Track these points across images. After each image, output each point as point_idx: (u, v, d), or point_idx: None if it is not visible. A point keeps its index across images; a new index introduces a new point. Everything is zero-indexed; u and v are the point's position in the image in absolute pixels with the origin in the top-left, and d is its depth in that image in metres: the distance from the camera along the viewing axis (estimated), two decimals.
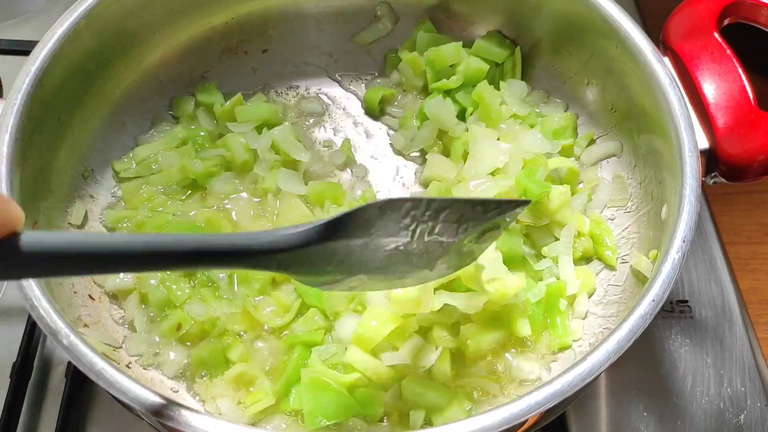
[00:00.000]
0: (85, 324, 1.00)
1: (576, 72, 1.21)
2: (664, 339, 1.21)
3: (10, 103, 0.94)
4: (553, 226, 1.10)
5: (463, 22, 1.30)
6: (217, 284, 1.04)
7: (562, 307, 1.04)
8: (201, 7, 1.22)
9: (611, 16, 1.07)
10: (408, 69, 1.28)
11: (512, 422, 0.77)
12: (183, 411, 0.77)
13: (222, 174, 1.17)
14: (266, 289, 1.05)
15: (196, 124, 1.22)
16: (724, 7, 1.05)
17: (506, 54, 1.25)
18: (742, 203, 1.51)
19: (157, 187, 1.14)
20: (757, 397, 1.16)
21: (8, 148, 0.92)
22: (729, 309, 1.25)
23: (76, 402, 1.11)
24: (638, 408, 1.14)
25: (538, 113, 1.21)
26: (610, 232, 1.11)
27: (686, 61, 1.04)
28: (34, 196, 0.99)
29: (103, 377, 0.79)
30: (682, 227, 0.90)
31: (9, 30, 1.56)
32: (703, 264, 1.30)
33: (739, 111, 1.00)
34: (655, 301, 0.85)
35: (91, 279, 1.06)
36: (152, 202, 1.13)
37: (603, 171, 1.19)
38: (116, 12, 1.08)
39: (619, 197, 1.14)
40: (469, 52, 1.24)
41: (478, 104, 1.19)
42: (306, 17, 1.30)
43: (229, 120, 1.21)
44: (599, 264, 1.11)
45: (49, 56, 0.99)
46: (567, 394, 0.79)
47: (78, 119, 1.09)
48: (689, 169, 0.93)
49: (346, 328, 1.00)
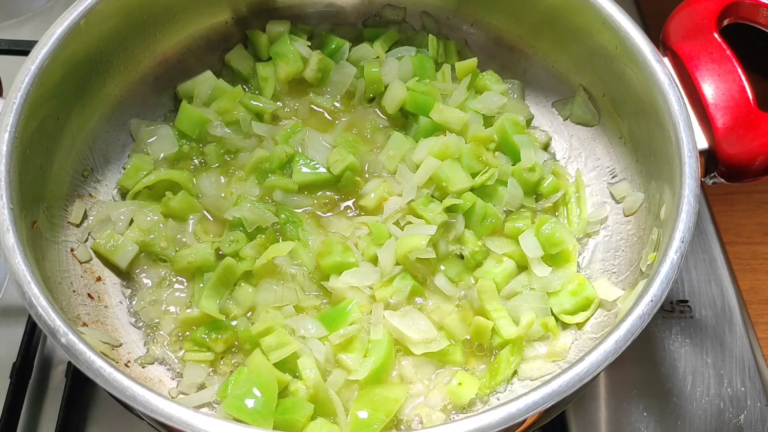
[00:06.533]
0: (84, 323, 1.00)
1: (575, 71, 1.21)
2: (664, 339, 1.21)
3: (9, 102, 0.95)
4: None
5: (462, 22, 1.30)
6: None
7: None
8: (201, 6, 1.22)
9: (611, 16, 1.07)
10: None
11: (511, 422, 0.77)
12: (182, 410, 0.77)
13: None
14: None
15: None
16: (723, 7, 1.05)
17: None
18: (742, 203, 1.51)
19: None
20: (757, 397, 1.16)
21: (8, 147, 0.92)
22: (729, 309, 1.25)
23: (76, 402, 1.11)
24: (638, 408, 1.14)
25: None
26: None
27: (686, 61, 1.04)
28: (33, 195, 0.99)
29: (101, 376, 0.79)
30: (680, 227, 0.90)
31: (9, 30, 1.57)
32: (703, 264, 1.30)
33: (739, 111, 1.00)
34: (654, 302, 0.85)
35: (94, 275, 1.06)
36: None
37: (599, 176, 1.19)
38: (116, 11, 1.08)
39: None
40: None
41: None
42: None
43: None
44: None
45: (48, 56, 0.99)
46: (565, 394, 0.79)
47: (78, 119, 1.09)
48: (688, 170, 0.93)
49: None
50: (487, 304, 1.04)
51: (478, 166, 1.14)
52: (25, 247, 0.88)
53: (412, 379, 1.02)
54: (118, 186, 1.17)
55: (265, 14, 1.29)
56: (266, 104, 1.23)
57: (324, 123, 1.25)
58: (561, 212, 1.19)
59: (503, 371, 1.02)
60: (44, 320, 0.83)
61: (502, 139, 1.19)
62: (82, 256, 1.07)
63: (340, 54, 1.28)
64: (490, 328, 1.04)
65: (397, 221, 1.11)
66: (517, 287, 1.09)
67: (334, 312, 1.04)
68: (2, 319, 1.19)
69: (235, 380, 0.97)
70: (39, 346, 1.16)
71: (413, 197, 1.11)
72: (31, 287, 0.84)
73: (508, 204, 1.15)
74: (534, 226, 1.11)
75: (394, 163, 1.17)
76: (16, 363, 1.11)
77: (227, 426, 0.76)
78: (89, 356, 0.80)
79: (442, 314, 1.06)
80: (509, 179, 1.16)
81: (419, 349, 1.02)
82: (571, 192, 1.19)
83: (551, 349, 1.04)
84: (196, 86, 1.23)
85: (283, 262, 1.08)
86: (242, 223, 1.09)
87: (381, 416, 0.96)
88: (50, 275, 0.98)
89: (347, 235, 1.13)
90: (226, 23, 1.27)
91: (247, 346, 1.02)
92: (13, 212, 0.89)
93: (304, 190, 1.17)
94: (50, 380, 1.14)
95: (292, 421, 0.92)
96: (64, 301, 0.98)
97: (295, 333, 1.01)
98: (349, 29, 1.33)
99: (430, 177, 1.12)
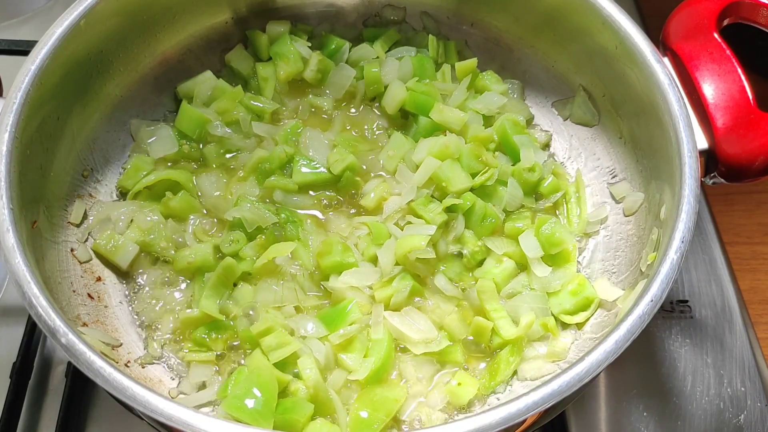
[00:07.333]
0: (84, 323, 1.00)
1: (575, 71, 1.21)
2: (664, 339, 1.21)
3: (9, 102, 0.95)
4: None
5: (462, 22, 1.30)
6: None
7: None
8: (201, 6, 1.22)
9: (611, 17, 1.07)
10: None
11: (511, 422, 0.77)
12: (182, 410, 0.77)
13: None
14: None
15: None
16: (723, 7, 1.05)
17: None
18: (742, 203, 1.51)
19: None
20: (757, 397, 1.16)
21: (8, 147, 0.92)
22: (729, 309, 1.25)
23: (76, 402, 1.11)
24: (638, 408, 1.14)
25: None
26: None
27: (686, 61, 1.04)
28: (33, 195, 0.99)
29: (101, 376, 0.79)
30: (680, 228, 0.90)
31: (9, 30, 1.57)
32: (703, 264, 1.30)
33: (739, 111, 1.00)
34: (654, 302, 0.85)
35: (94, 275, 1.06)
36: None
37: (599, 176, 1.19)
38: (116, 11, 1.08)
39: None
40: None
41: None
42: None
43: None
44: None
45: (48, 56, 0.99)
46: (565, 394, 0.79)
47: (78, 119, 1.09)
48: (688, 170, 0.93)
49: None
50: (486, 305, 1.04)
51: (478, 166, 1.14)
52: (25, 247, 0.88)
53: (412, 379, 1.03)
54: (118, 186, 1.17)
55: (265, 14, 1.29)
56: (266, 104, 1.23)
57: (324, 123, 1.25)
58: (561, 212, 1.19)
59: (503, 371, 1.02)
60: (44, 320, 0.83)
61: (502, 139, 1.19)
62: (82, 256, 1.07)
63: (340, 54, 1.28)
64: (490, 329, 1.04)
65: (396, 221, 1.11)
66: (517, 287, 1.09)
67: (334, 312, 1.04)
68: (2, 319, 1.19)
69: (235, 380, 0.97)
70: (39, 346, 1.16)
71: (413, 197, 1.11)
72: (31, 287, 0.84)
73: (508, 204, 1.15)
74: (534, 226, 1.11)
75: (394, 163, 1.17)
76: (16, 363, 1.11)
77: (227, 426, 0.76)
78: (89, 356, 0.80)
79: (442, 314, 1.06)
80: (509, 179, 1.16)
81: (419, 349, 1.02)
82: (571, 192, 1.19)
83: (551, 350, 1.04)
84: (196, 86, 1.23)
85: (283, 262, 1.08)
86: (242, 223, 1.09)
87: (381, 416, 0.96)
88: (50, 275, 0.98)
89: (347, 235, 1.13)
90: (226, 23, 1.27)
91: (247, 346, 1.02)
92: (13, 212, 0.89)
93: (304, 190, 1.17)
94: (50, 380, 1.14)
95: (292, 421, 0.92)
96: (64, 301, 0.98)
97: (295, 333, 1.01)
98: (349, 29, 1.33)
99: (430, 177, 1.12)
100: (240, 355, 1.03)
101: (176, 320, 1.06)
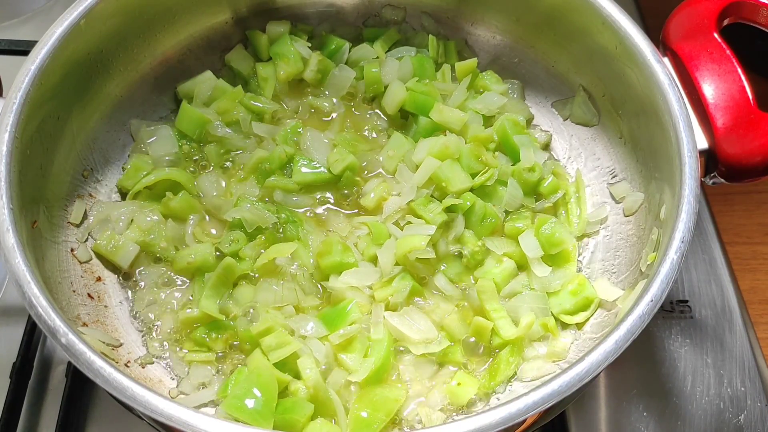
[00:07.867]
0: (84, 323, 1.00)
1: (575, 71, 1.21)
2: (664, 339, 1.21)
3: (9, 102, 0.95)
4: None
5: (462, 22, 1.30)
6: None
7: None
8: (201, 6, 1.22)
9: (611, 16, 1.07)
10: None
11: (511, 422, 0.77)
12: (182, 410, 0.77)
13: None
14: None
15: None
16: (723, 7, 1.05)
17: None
18: (742, 203, 1.51)
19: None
20: (757, 397, 1.16)
21: (8, 147, 0.92)
22: (729, 309, 1.25)
23: (76, 402, 1.11)
24: (638, 408, 1.14)
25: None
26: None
27: (686, 61, 1.04)
28: (33, 195, 0.99)
29: (101, 376, 0.79)
30: (680, 227, 0.90)
31: (9, 30, 1.57)
32: (703, 264, 1.29)
33: (739, 111, 1.00)
34: (654, 302, 0.85)
35: (94, 275, 1.06)
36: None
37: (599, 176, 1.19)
38: (116, 11, 1.08)
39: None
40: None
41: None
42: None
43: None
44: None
45: (48, 56, 0.99)
46: (565, 394, 0.79)
47: (78, 118, 1.09)
48: (688, 170, 0.93)
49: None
50: (486, 305, 1.04)
51: (477, 166, 1.14)
52: (25, 247, 0.88)
53: (412, 379, 1.03)
54: (118, 186, 1.16)
55: (265, 14, 1.29)
56: (266, 104, 1.23)
57: (324, 123, 1.25)
58: (561, 212, 1.18)
59: (503, 371, 1.02)
60: (44, 320, 0.83)
61: (502, 139, 1.19)
62: (82, 256, 1.07)
63: (340, 54, 1.28)
64: (490, 329, 1.04)
65: (396, 221, 1.11)
66: (517, 287, 1.09)
67: (334, 312, 1.04)
68: (2, 319, 1.19)
69: (235, 380, 0.97)
70: (39, 346, 1.16)
71: (413, 197, 1.11)
72: (31, 287, 0.84)
73: (508, 204, 1.15)
74: (534, 226, 1.11)
75: (394, 163, 1.18)
76: (16, 363, 1.11)
77: (227, 426, 0.76)
78: (89, 356, 0.80)
79: (442, 314, 1.06)
80: (509, 179, 1.16)
81: (419, 349, 1.03)
82: (571, 192, 1.19)
83: (551, 350, 1.04)
84: (196, 86, 1.23)
85: (283, 262, 1.08)
86: (242, 223, 1.09)
87: (381, 416, 0.96)
88: (50, 275, 0.98)
89: (347, 235, 1.13)
90: (226, 23, 1.27)
91: (247, 346, 1.02)
92: (13, 212, 0.89)
93: (304, 190, 1.17)
94: (50, 380, 1.14)
95: (292, 421, 0.92)
96: (64, 301, 0.98)
97: (295, 333, 1.01)
98: (349, 29, 1.33)
99: (430, 177, 1.12)
100: (240, 355, 1.03)
101: (176, 320, 1.06)
